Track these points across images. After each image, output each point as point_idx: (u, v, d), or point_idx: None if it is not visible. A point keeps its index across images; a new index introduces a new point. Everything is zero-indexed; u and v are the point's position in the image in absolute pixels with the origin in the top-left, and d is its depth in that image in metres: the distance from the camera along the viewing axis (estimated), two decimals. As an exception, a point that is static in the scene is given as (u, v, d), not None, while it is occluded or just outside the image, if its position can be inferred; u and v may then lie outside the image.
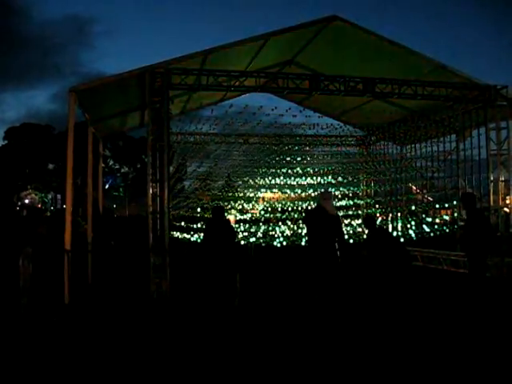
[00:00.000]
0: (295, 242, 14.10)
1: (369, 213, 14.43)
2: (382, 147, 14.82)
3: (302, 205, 14.92)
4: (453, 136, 12.55)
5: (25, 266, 7.07)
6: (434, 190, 13.21)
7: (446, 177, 12.85)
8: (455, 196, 12.36)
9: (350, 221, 14.75)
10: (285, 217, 14.99)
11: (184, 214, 14.85)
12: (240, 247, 13.03)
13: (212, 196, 15.25)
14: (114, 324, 6.66)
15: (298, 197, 15.18)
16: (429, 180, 13.36)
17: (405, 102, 11.69)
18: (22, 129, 47.14)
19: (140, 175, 43.22)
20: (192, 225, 14.33)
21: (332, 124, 14.12)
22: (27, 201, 48.58)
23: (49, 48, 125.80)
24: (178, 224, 14.28)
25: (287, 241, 14.32)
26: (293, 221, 14.75)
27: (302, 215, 13.43)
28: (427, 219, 13.57)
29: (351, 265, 7.97)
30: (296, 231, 14.37)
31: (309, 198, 14.93)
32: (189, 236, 14.05)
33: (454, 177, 12.47)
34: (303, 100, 13.26)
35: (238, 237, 13.83)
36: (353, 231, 14.41)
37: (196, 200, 14.99)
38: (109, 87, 9.11)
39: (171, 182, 11.77)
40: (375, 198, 15.21)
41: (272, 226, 14.77)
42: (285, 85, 9.27)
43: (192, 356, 5.21)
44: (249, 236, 14.41)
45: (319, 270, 7.10)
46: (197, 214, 14.79)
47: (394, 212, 14.21)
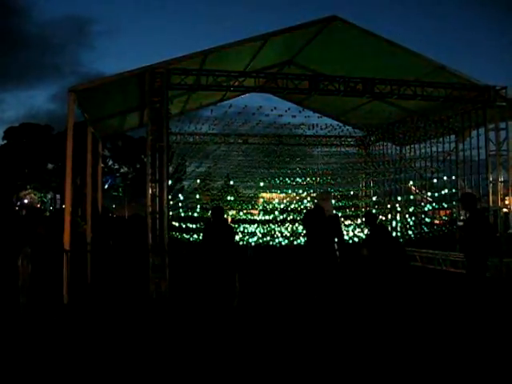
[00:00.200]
0: (294, 242, 14.11)
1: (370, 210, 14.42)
2: (382, 147, 14.83)
3: (301, 205, 14.94)
4: (452, 136, 12.59)
5: (24, 266, 7.07)
6: (434, 191, 13.21)
7: (446, 177, 12.86)
8: (454, 196, 12.38)
9: (349, 221, 14.76)
10: (284, 217, 15.00)
11: (183, 215, 14.83)
12: (239, 247, 13.02)
13: (211, 196, 15.24)
14: (113, 324, 6.66)
15: (297, 197, 15.20)
16: (428, 180, 13.36)
17: (404, 103, 11.71)
18: (22, 129, 47.06)
19: (139, 175, 43.11)
20: (191, 225, 14.32)
21: (331, 124, 14.20)
22: (26, 201, 48.55)
23: (49, 48, 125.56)
24: (178, 224, 14.28)
25: (287, 241, 14.33)
26: (292, 221, 14.76)
27: (301, 215, 13.42)
28: (426, 219, 13.59)
29: (351, 265, 7.96)
30: (295, 231, 14.38)
31: (308, 198, 14.95)
32: (188, 236, 14.04)
33: (454, 177, 12.49)
34: (303, 100, 13.27)
35: (237, 237, 13.81)
36: (352, 231, 14.42)
37: (195, 200, 14.97)
38: (108, 87, 9.11)
39: (171, 182, 11.77)
40: (374, 199, 15.21)
41: (271, 227, 14.77)
42: (284, 85, 9.28)
43: (190, 356, 5.20)
44: (248, 236, 14.40)
45: (318, 270, 7.10)
46: (196, 214, 14.77)
47: (394, 212, 14.20)
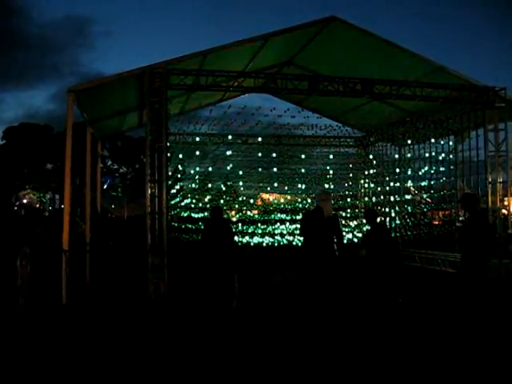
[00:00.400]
0: (294, 242, 14.11)
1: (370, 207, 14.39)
2: (381, 148, 14.83)
3: (300, 205, 14.94)
4: (451, 137, 12.59)
5: (23, 266, 7.07)
6: (433, 191, 13.22)
7: (445, 178, 12.86)
8: (453, 197, 12.38)
9: (348, 221, 14.76)
10: (283, 217, 15.00)
11: (184, 214, 14.82)
12: (238, 248, 13.01)
13: (210, 196, 15.23)
14: (112, 324, 6.64)
15: (297, 197, 15.20)
16: (427, 181, 13.36)
17: (403, 103, 11.71)
18: (21, 128, 47.03)
19: (138, 175, 43.09)
20: (191, 225, 14.31)
21: (331, 125, 14.24)
22: (25, 201, 48.54)
23: (48, 48, 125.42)
24: (178, 225, 14.27)
25: (286, 241, 14.33)
26: (292, 221, 14.76)
27: (301, 215, 13.42)
28: (425, 220, 13.59)
29: (350, 265, 7.96)
30: (294, 231, 14.38)
31: (307, 199, 14.96)
32: (187, 236, 14.03)
33: (453, 178, 12.49)
34: (302, 101, 13.28)
35: (236, 237, 13.80)
36: (351, 232, 14.42)
37: (194, 200, 14.96)
38: (107, 87, 9.11)
39: (170, 182, 11.76)
40: (373, 199, 15.21)
41: (270, 227, 14.77)
42: (284, 85, 9.28)
43: (189, 357, 5.20)
44: (247, 236, 14.40)
45: (318, 271, 7.09)
46: (195, 215, 14.76)
47: (392, 213, 14.21)
